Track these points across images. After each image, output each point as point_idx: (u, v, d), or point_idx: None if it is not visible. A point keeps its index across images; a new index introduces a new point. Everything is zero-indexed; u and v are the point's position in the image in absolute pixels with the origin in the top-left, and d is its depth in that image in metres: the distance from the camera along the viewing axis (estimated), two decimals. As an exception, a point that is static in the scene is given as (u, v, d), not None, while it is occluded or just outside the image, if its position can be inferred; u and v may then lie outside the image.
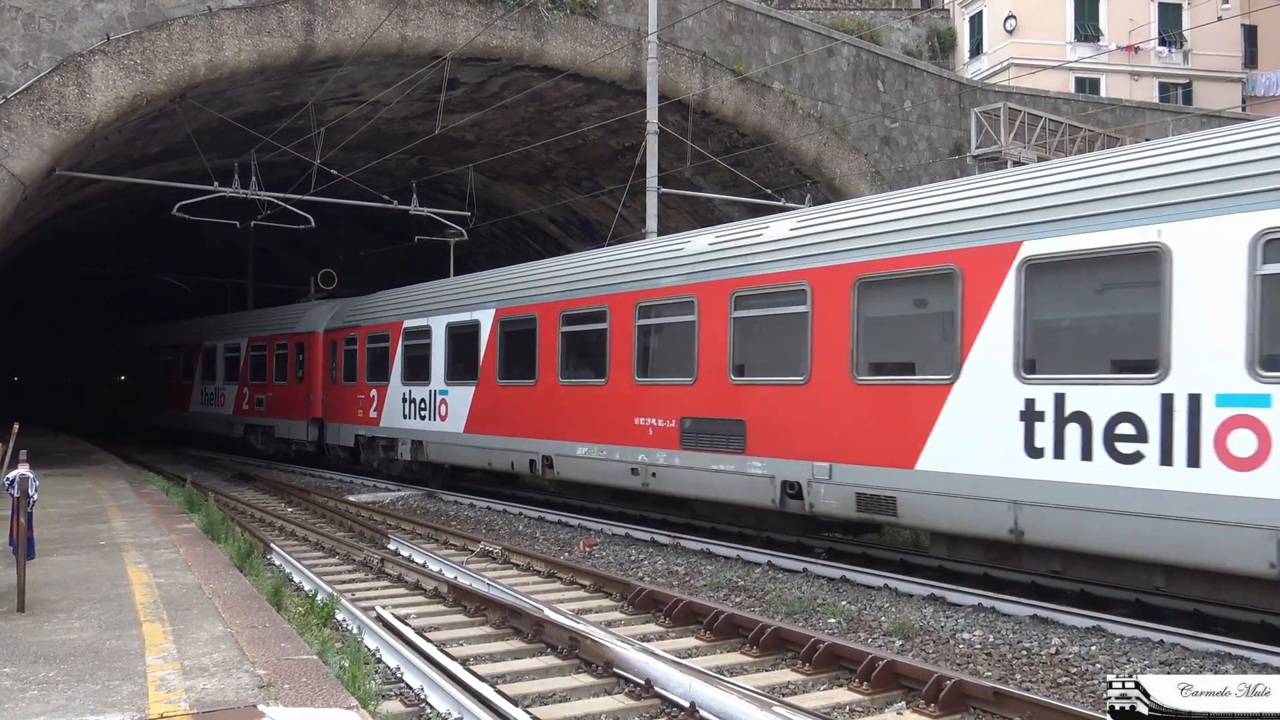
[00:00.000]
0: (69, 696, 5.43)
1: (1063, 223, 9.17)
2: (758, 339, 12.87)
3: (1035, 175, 10.00)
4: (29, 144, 16.96)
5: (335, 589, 10.19)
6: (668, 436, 13.66)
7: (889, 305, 11.19)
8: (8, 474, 7.75)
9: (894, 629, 9.04)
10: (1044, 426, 9.18)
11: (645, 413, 14.10)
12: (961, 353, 9.98)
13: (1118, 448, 8.54)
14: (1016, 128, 24.84)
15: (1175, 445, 8.19)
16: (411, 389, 20.67)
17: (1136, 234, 8.58)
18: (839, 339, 11.25)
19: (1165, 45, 41.81)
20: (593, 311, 15.20)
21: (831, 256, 11.51)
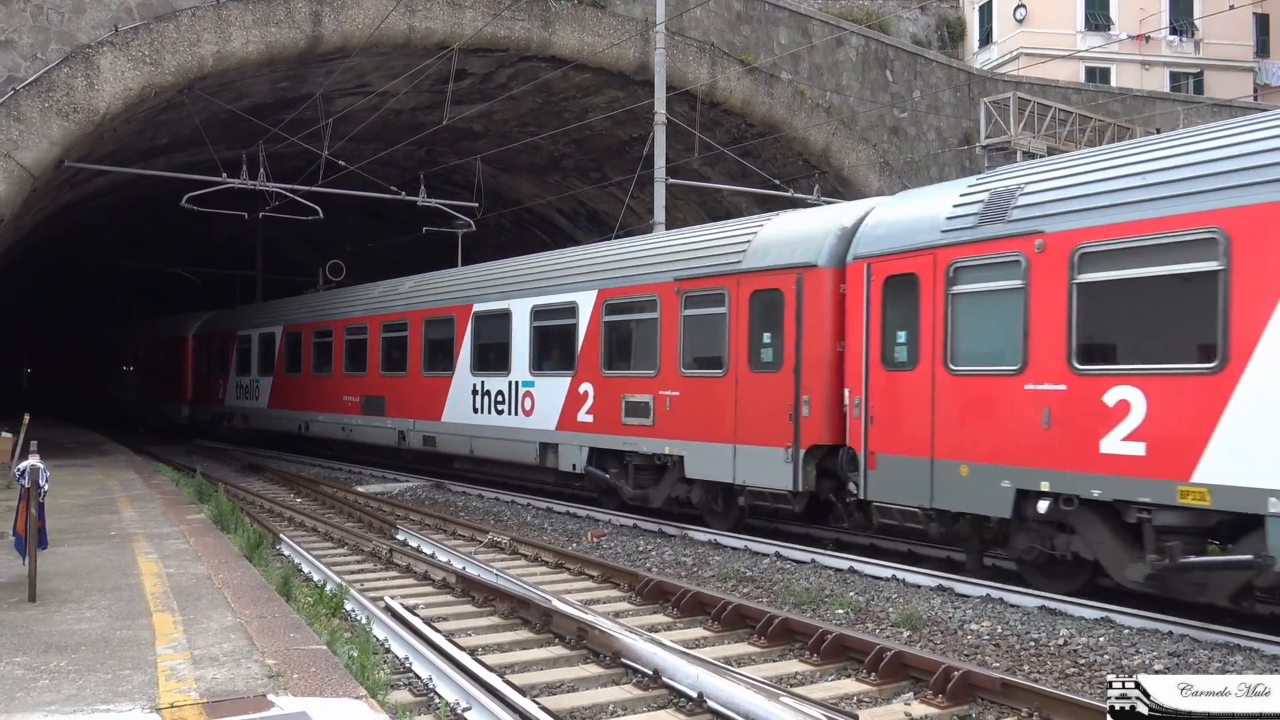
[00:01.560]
0: (80, 686, 5.46)
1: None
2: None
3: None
4: (38, 135, 16.99)
5: (344, 579, 10.22)
6: (353, 408, 23.39)
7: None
8: (18, 464, 7.79)
9: (902, 620, 9.04)
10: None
11: (348, 393, 23.70)
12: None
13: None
14: (1026, 118, 24.72)
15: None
16: (243, 379, 30.20)
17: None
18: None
19: (1176, 34, 41.56)
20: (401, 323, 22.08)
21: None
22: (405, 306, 21.74)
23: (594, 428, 15.63)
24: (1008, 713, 6.63)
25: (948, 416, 10.35)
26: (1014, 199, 10.01)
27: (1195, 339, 8.56)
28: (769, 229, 13.34)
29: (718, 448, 13.36)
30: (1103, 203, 9.11)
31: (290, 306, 28.79)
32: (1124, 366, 8.97)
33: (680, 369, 14.06)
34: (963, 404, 10.26)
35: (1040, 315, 9.48)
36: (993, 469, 9.84)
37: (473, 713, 6.28)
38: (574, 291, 16.26)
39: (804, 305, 12.27)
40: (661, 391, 14.33)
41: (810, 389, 12.14)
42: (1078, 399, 9.16)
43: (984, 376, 10.09)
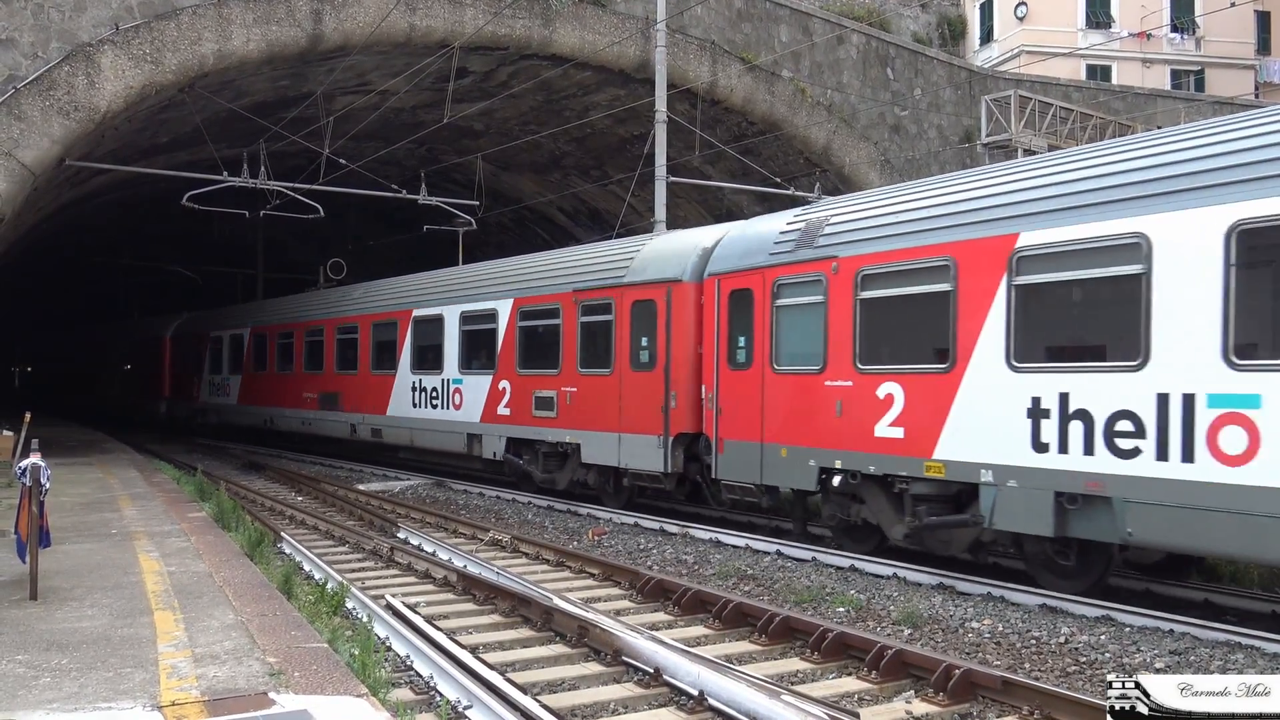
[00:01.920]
0: (81, 684, 5.46)
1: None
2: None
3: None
4: (39, 134, 16.99)
5: (345, 577, 10.23)
6: (312, 403, 25.69)
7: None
8: (20, 463, 7.79)
9: (903, 618, 9.04)
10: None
11: (308, 390, 25.91)
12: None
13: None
14: (1027, 115, 24.70)
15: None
16: (215, 378, 32.45)
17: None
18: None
19: (1177, 32, 41.51)
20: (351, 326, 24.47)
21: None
22: (356, 311, 24.09)
23: (511, 420, 17.84)
24: (1009, 711, 6.64)
25: (773, 408, 12.55)
26: (821, 229, 12.17)
27: (934, 345, 10.61)
28: (648, 248, 15.54)
29: (607, 436, 15.52)
30: (876, 234, 11.35)
31: (257, 310, 31.41)
32: (889, 366, 11.11)
33: (578, 368, 16.18)
34: (783, 398, 12.44)
35: (835, 324, 11.67)
36: (803, 451, 12.06)
37: (474, 711, 6.28)
38: (495, 300, 18.50)
39: (672, 314, 14.36)
40: (563, 388, 16.52)
41: (677, 385, 14.27)
42: (859, 393, 11.34)
43: (798, 375, 12.23)
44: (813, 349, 11.97)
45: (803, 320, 12.21)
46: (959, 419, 10.18)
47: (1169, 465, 8.46)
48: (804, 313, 12.18)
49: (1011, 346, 9.77)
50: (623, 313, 15.31)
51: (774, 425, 12.49)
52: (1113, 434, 8.90)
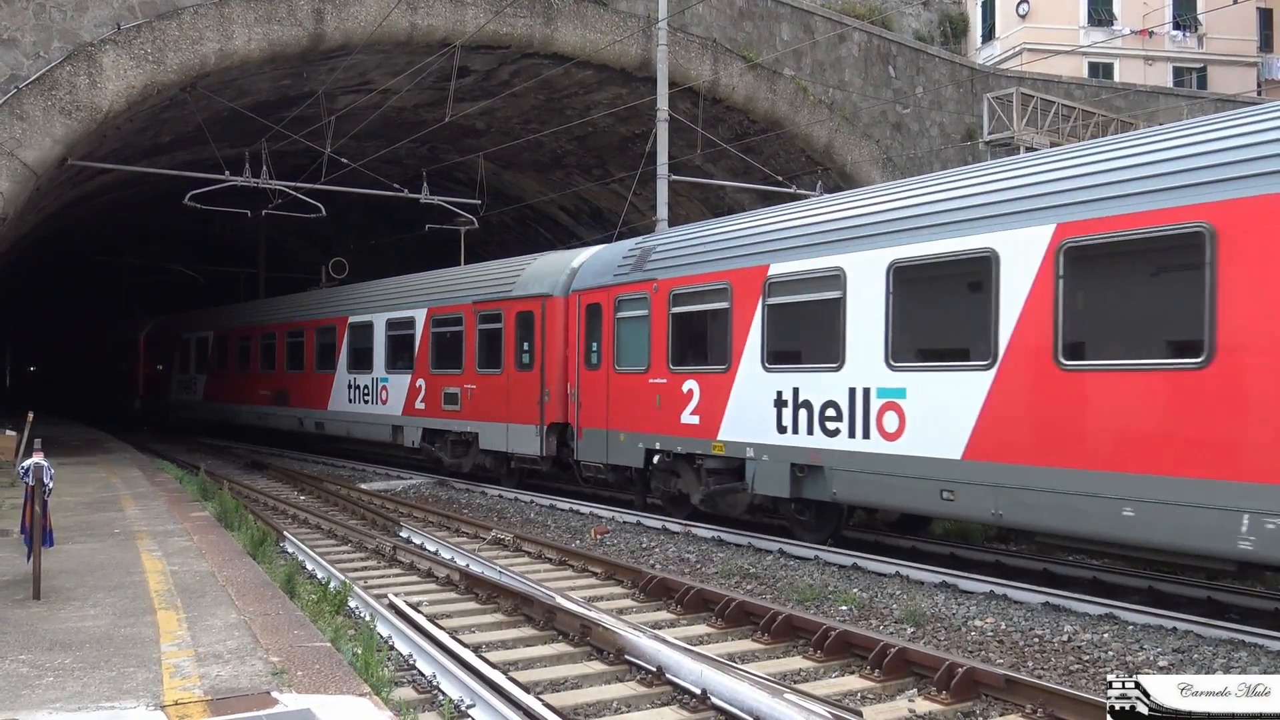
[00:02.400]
0: (84, 683, 5.46)
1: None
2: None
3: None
4: (41, 134, 17.00)
5: (348, 577, 10.24)
6: (267, 400, 28.36)
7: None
8: (22, 462, 7.79)
9: (905, 616, 9.04)
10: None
11: (263, 388, 28.80)
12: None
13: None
14: (1029, 113, 24.69)
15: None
16: (184, 377, 35.28)
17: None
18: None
19: (1179, 29, 41.46)
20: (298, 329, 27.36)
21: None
22: (302, 317, 27.14)
23: (425, 413, 20.69)
24: (1011, 709, 6.63)
25: (615, 402, 15.24)
26: (649, 256, 14.98)
27: (719, 350, 13.32)
28: (530, 267, 18.30)
29: (498, 426, 18.31)
30: (684, 262, 14.17)
31: (220, 315, 34.31)
32: (690, 367, 13.83)
33: (476, 369, 19.01)
34: (622, 393, 15.13)
35: (656, 333, 14.38)
36: (635, 435, 14.82)
37: (476, 710, 6.28)
38: (413, 309, 21.43)
39: (546, 324, 17.12)
40: (465, 385, 19.38)
41: (550, 383, 16.98)
42: (671, 389, 14.09)
43: (631, 374, 14.91)
44: (641, 353, 14.72)
45: (635, 330, 14.92)
46: (733, 409, 13.01)
47: (856, 441, 11.23)
48: (635, 323, 14.89)
49: (764, 352, 12.54)
50: (509, 322, 18.13)
51: (616, 415, 15.25)
52: (824, 418, 11.68)
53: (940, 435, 10.24)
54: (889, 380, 10.87)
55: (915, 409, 10.55)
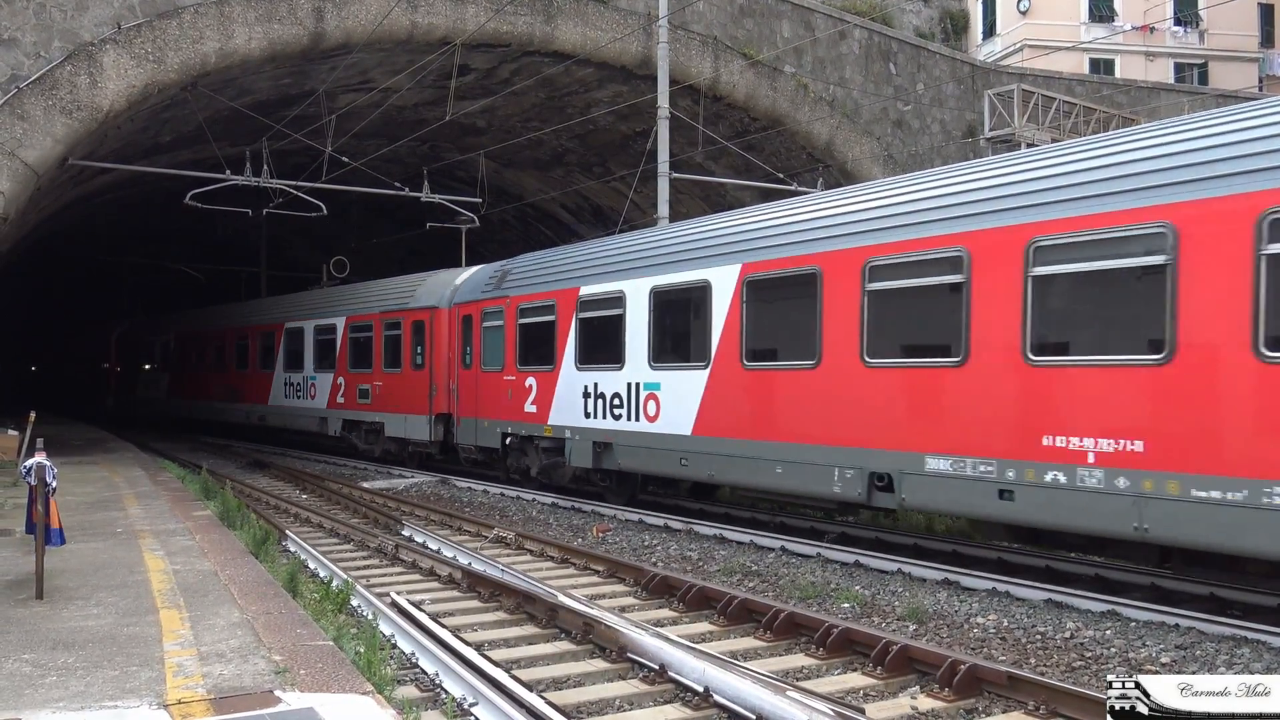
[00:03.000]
0: (88, 682, 5.47)
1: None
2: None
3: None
4: (42, 134, 17.00)
5: (350, 575, 10.24)
6: (220, 396, 31.93)
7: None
8: (24, 462, 7.80)
9: (908, 614, 9.03)
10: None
11: (216, 385, 32.71)
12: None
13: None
14: (1030, 110, 24.66)
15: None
16: (148, 376, 39.26)
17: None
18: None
19: (1180, 25, 41.41)
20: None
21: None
22: (247, 323, 30.77)
23: (345, 406, 24.62)
24: (1014, 706, 6.63)
25: (482, 395, 18.63)
26: (506, 277, 18.36)
27: (549, 353, 16.53)
28: (424, 284, 22.08)
29: (399, 416, 22.10)
30: (526, 281, 17.59)
31: (182, 319, 38.17)
32: (530, 367, 17.05)
33: (382, 368, 22.83)
34: (486, 388, 18.46)
35: (509, 339, 17.69)
36: (495, 422, 18.25)
37: (479, 708, 6.29)
38: (335, 317, 25.42)
39: (435, 331, 20.83)
40: (374, 382, 23.25)
41: (437, 380, 20.67)
42: (518, 384, 17.46)
43: (492, 373, 18.21)
44: (499, 355, 18.03)
45: (495, 336, 18.21)
46: (557, 400, 16.28)
47: (631, 423, 14.66)
48: (496, 331, 18.19)
49: (577, 355, 15.85)
50: (407, 329, 21.84)
51: (483, 406, 18.65)
52: (612, 406, 15.01)
53: (680, 415, 13.68)
54: (651, 376, 14.32)
55: (666, 398, 14.01)
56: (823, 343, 11.50)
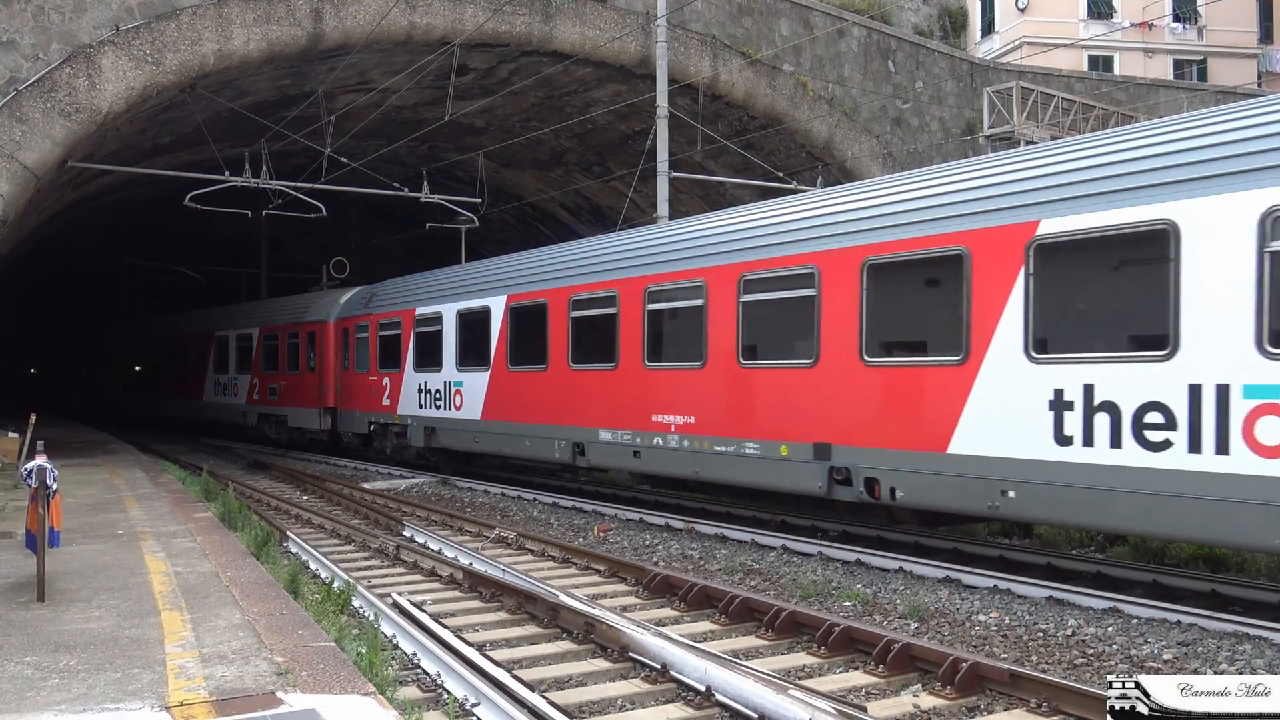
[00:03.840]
0: (89, 685, 5.47)
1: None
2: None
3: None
4: (41, 136, 17.00)
5: (351, 576, 10.24)
6: (169, 394, 37.97)
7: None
8: (25, 465, 7.80)
9: (909, 611, 9.03)
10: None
11: (165, 384, 38.29)
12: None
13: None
14: (1029, 107, 24.64)
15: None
16: (112, 377, 45.45)
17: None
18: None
19: (1179, 21, 41.40)
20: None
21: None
22: (184, 331, 36.77)
23: (259, 402, 29.67)
24: (1016, 703, 6.63)
25: (356, 392, 23.98)
26: (372, 298, 23.64)
27: (397, 358, 21.64)
28: (317, 302, 27.41)
29: (299, 409, 27.16)
30: (387, 302, 22.72)
31: (141, 326, 44.11)
32: (386, 370, 22.09)
33: (286, 370, 27.98)
34: (358, 387, 23.82)
35: (373, 347, 22.76)
36: (363, 413, 23.46)
37: (481, 708, 6.29)
38: (250, 327, 30.54)
39: (325, 340, 25.84)
40: (280, 382, 28.34)
41: (326, 380, 25.70)
42: (378, 383, 22.46)
43: (362, 374, 23.48)
44: (367, 360, 23.23)
45: (363, 346, 23.50)
46: (403, 395, 21.25)
47: (447, 412, 19.56)
48: (364, 342, 23.47)
49: (414, 360, 20.84)
50: (304, 338, 27.04)
51: (356, 401, 23.93)
52: (435, 398, 20.02)
53: (474, 406, 18.64)
54: (457, 377, 19.31)
55: (466, 392, 18.95)
56: (550, 350, 16.40)
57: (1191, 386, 8.11)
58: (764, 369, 12.48)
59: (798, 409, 11.81)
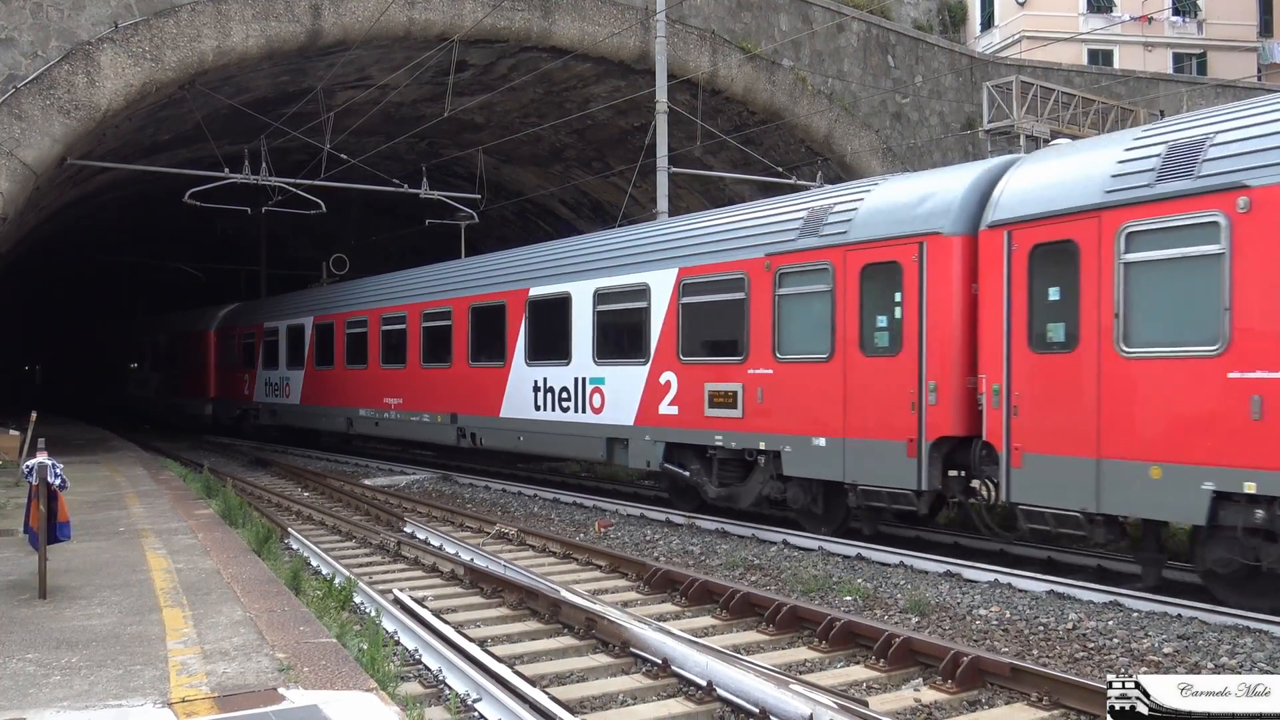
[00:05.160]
0: (91, 681, 5.48)
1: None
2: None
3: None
4: (40, 133, 16.99)
5: (353, 572, 10.25)
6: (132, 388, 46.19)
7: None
8: (27, 462, 7.80)
9: (910, 606, 9.04)
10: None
11: (129, 384, 45.96)
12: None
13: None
14: (1029, 101, 24.61)
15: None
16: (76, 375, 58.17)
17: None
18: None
19: (1179, 15, 41.35)
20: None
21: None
22: (143, 336, 42.47)
23: (169, 394, 37.26)
24: (1017, 697, 6.64)
25: (230, 385, 31.55)
26: (240, 313, 31.43)
27: (250, 360, 29.81)
28: (204, 314, 34.86)
29: (194, 400, 33.73)
30: (246, 317, 31.12)
31: (114, 331, 49.99)
32: (247, 369, 29.91)
33: (183, 368, 35.34)
34: (231, 380, 31.41)
35: (239, 351, 30.85)
36: (235, 402, 31.18)
37: (483, 704, 6.29)
38: (204, 326, 34.63)
39: (209, 344, 33.19)
40: (184, 377, 35.54)
41: (211, 376, 32.79)
42: (240, 377, 30.46)
43: (234, 371, 30.54)
44: (235, 361, 29.61)
45: (231, 350, 30.10)
46: (257, 385, 27.63)
47: (283, 399, 27.41)
48: (231, 347, 30.18)
49: (262, 362, 28.16)
50: (196, 342, 34.31)
51: (230, 392, 30.46)
52: (275, 388, 27.37)
53: (296, 394, 26.68)
54: (288, 374, 27.05)
55: (292, 384, 26.46)
56: (335, 356, 24.40)
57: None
58: (432, 369, 20.36)
59: (444, 394, 19.90)
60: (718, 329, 13.37)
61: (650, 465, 14.53)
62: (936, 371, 10.57)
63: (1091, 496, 9.11)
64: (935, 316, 10.62)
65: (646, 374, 14.30)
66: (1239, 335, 8.22)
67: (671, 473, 14.18)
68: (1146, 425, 8.80)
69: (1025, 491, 9.72)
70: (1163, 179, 8.80)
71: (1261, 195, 8.13)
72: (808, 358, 11.88)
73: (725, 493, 13.39)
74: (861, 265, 11.36)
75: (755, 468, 12.86)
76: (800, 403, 11.96)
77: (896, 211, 11.23)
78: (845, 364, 11.47)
